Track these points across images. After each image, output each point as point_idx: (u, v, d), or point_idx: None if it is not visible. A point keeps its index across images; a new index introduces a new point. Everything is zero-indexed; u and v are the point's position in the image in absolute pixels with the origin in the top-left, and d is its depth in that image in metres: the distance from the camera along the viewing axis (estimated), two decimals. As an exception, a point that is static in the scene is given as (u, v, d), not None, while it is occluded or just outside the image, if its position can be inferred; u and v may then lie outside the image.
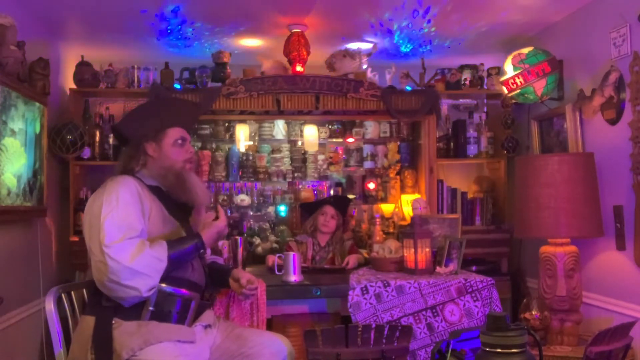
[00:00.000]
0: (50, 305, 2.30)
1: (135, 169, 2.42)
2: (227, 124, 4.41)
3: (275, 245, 4.18)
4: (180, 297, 2.29)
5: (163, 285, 2.23)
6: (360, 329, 2.51)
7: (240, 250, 3.47)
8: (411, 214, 3.82)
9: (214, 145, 4.46)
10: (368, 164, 4.54)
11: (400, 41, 4.08)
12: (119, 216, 2.17)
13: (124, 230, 2.15)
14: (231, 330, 2.50)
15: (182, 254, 2.28)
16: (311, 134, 4.44)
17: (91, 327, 2.20)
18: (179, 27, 3.72)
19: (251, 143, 4.47)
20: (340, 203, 3.93)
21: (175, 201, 2.44)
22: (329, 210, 3.81)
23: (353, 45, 4.12)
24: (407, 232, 3.33)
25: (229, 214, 4.45)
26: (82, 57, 4.04)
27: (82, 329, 2.25)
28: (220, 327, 2.49)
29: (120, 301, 2.18)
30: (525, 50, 3.56)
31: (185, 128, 2.52)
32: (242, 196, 4.39)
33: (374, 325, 2.54)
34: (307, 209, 3.99)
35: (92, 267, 2.17)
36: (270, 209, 4.55)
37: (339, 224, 3.85)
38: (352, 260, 3.61)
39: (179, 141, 2.46)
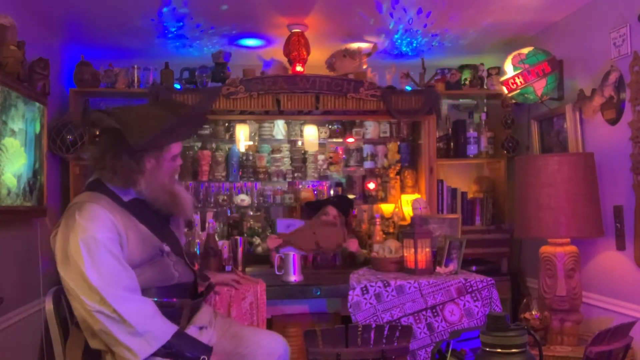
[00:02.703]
0: (50, 306, 2.29)
1: (138, 183, 2.23)
2: (227, 124, 4.41)
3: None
4: (171, 307, 2.23)
5: (154, 298, 2.17)
6: (360, 329, 2.51)
7: (240, 250, 3.47)
8: (411, 214, 3.82)
9: (214, 145, 4.46)
10: (368, 164, 4.54)
11: (400, 41, 4.08)
12: (104, 263, 2.04)
13: (115, 282, 2.04)
14: (227, 329, 2.48)
15: (182, 347, 2.10)
16: (311, 134, 4.44)
17: (82, 343, 2.16)
18: (179, 27, 3.72)
19: (251, 143, 4.47)
20: (342, 204, 3.92)
21: (153, 212, 2.32)
22: (332, 210, 3.80)
23: (353, 45, 4.13)
24: (407, 232, 3.33)
25: (229, 214, 4.46)
26: (82, 57, 4.04)
27: (74, 343, 2.22)
28: (217, 326, 2.47)
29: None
30: (525, 50, 3.56)
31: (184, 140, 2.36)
32: (242, 196, 4.39)
33: (374, 325, 2.54)
34: (311, 208, 3.98)
35: (83, 316, 2.05)
36: (270, 209, 4.55)
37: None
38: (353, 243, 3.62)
39: (176, 156, 2.34)
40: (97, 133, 2.36)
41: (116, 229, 2.14)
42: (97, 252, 2.05)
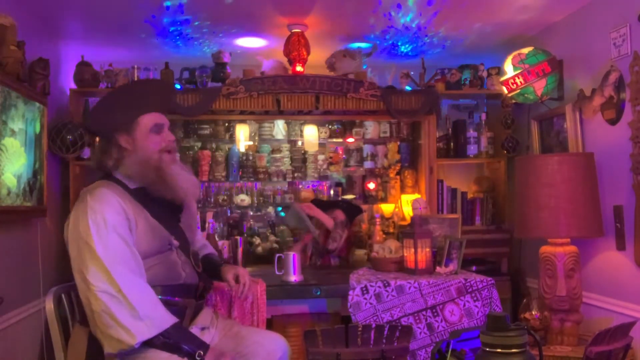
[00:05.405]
0: (50, 305, 2.29)
1: (109, 165, 2.24)
2: (227, 124, 4.41)
3: (275, 245, 4.18)
4: (174, 306, 2.22)
5: (159, 296, 2.16)
6: (360, 329, 2.51)
7: (240, 250, 3.47)
8: (411, 214, 3.82)
9: (214, 145, 4.46)
10: (368, 164, 4.54)
11: (400, 41, 4.08)
12: (113, 245, 2.06)
13: (122, 262, 2.06)
14: (229, 329, 2.49)
15: (179, 339, 2.10)
16: (311, 134, 4.44)
17: (85, 339, 2.16)
18: (179, 27, 3.72)
19: (251, 143, 4.47)
20: (350, 211, 3.87)
21: (162, 203, 2.30)
22: (339, 215, 3.75)
23: (353, 45, 4.13)
24: (407, 232, 3.33)
25: (229, 214, 4.45)
26: (82, 57, 4.03)
27: (76, 341, 2.22)
28: (219, 327, 2.47)
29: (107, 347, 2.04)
30: (525, 50, 3.56)
31: (160, 111, 2.30)
32: (242, 196, 4.39)
33: (374, 325, 2.54)
34: (319, 207, 3.94)
35: (88, 298, 2.05)
36: (270, 209, 4.55)
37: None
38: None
39: (155, 128, 2.26)
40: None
41: (125, 213, 2.15)
42: (105, 233, 2.07)
